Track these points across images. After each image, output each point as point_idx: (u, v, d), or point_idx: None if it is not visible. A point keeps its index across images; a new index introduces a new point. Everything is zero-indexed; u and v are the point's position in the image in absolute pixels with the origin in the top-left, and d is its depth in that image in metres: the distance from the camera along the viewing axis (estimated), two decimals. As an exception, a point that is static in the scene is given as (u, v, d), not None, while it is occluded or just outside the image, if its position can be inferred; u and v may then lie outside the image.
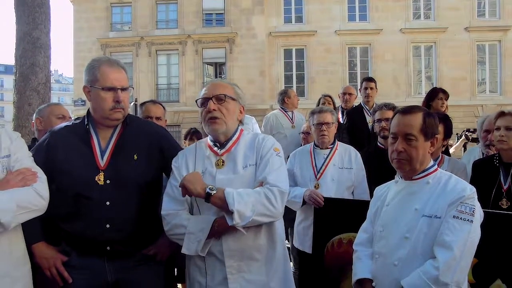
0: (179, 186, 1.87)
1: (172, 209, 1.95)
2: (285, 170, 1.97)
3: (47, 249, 2.03)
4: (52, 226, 2.04)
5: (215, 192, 1.80)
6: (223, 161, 1.96)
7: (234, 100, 2.00)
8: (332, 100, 5.15)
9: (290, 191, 2.91)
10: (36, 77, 5.75)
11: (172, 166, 2.03)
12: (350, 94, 5.30)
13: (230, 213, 1.76)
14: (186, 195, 1.88)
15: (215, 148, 2.00)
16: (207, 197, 1.80)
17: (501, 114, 2.70)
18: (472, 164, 2.87)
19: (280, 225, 2.03)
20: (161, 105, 3.25)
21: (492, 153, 3.05)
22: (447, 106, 4.24)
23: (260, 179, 1.88)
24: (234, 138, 2.00)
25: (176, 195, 1.95)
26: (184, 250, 1.88)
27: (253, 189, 1.84)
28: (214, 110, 1.94)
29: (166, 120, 3.26)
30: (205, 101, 1.98)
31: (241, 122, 2.08)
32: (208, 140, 2.06)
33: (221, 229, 1.85)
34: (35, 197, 1.75)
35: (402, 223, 1.76)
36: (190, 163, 2.01)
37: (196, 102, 2.02)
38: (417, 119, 1.78)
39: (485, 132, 3.23)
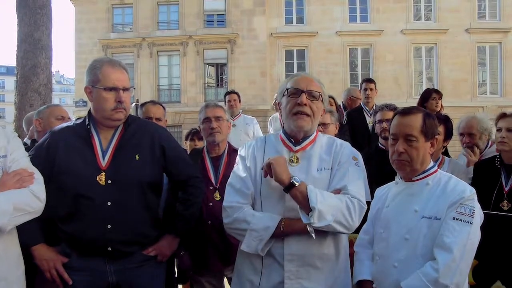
0: (264, 165, 1.77)
1: (237, 201, 1.84)
2: (365, 183, 1.85)
3: (47, 251, 2.02)
4: (52, 227, 2.04)
5: (299, 184, 1.70)
6: (297, 158, 1.86)
7: (322, 101, 1.91)
8: (335, 101, 5.15)
9: None
10: (38, 78, 5.77)
11: (238, 156, 1.96)
12: (360, 99, 5.36)
13: (308, 210, 1.67)
14: (265, 178, 1.79)
15: (290, 144, 1.89)
16: (290, 186, 1.70)
17: (503, 115, 2.69)
18: (474, 165, 2.87)
19: (346, 236, 1.94)
20: (161, 105, 3.23)
21: (469, 155, 3.11)
22: (442, 106, 4.25)
23: (337, 187, 1.78)
24: (311, 138, 1.90)
25: (242, 188, 1.86)
26: (243, 247, 1.78)
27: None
28: (305, 105, 1.82)
29: (166, 120, 3.25)
30: (296, 92, 1.85)
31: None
32: (280, 133, 1.95)
33: (287, 230, 1.75)
34: (31, 198, 1.73)
35: (402, 224, 1.76)
36: (259, 154, 1.91)
37: (287, 90, 1.87)
38: (417, 120, 1.78)
39: (460, 135, 3.29)
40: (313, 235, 1.71)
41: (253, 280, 1.83)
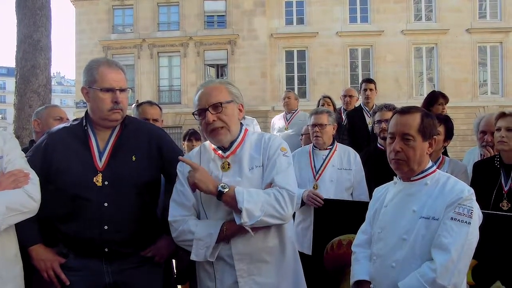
0: (189, 184, 1.83)
1: (180, 215, 1.91)
2: (293, 171, 1.92)
3: (45, 252, 2.02)
4: (50, 227, 2.04)
5: (227, 190, 1.77)
6: (228, 164, 1.91)
7: (231, 102, 1.91)
8: (332, 101, 5.14)
9: None
10: (37, 79, 5.76)
11: (177, 171, 1.98)
12: (351, 96, 5.31)
13: (239, 211, 1.73)
14: (194, 192, 1.87)
15: (220, 151, 1.94)
16: (219, 195, 1.78)
17: (502, 115, 2.67)
18: (473, 165, 2.85)
19: (289, 227, 2.00)
20: (158, 106, 3.24)
21: (489, 153, 3.04)
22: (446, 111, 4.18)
23: (268, 181, 1.85)
24: (239, 140, 1.94)
25: (183, 201, 1.92)
26: (193, 257, 1.85)
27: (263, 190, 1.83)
28: (214, 121, 1.86)
29: (162, 121, 3.26)
30: (202, 112, 1.90)
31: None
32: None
33: (229, 232, 1.82)
34: (25, 199, 1.75)
35: (400, 225, 1.75)
36: None
37: (193, 114, 1.97)
38: (415, 119, 1.78)
39: (481, 133, 3.21)
40: (251, 232, 1.78)
41: (210, 286, 1.90)
